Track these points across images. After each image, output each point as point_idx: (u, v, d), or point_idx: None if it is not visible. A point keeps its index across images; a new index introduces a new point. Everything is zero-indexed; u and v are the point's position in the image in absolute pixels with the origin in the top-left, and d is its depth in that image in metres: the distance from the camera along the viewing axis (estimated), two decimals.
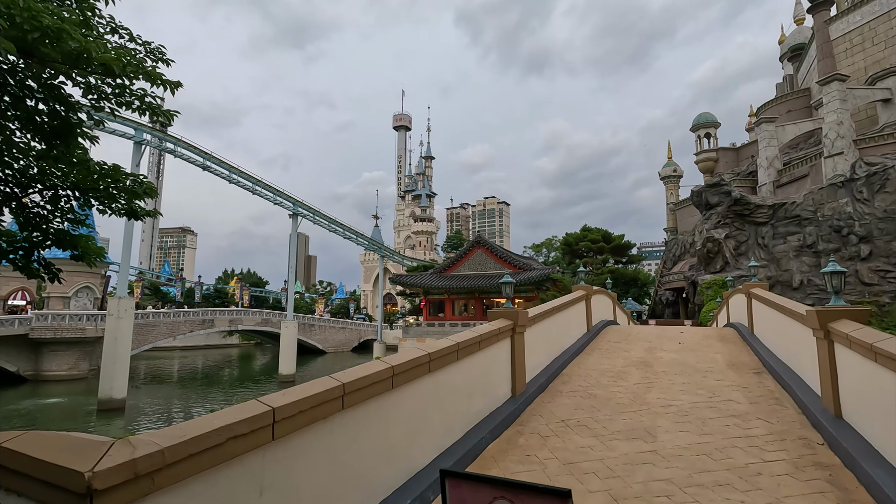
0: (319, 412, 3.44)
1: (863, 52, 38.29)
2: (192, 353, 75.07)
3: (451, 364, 5.50)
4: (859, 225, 30.82)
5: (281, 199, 41.68)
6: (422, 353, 4.91)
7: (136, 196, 5.53)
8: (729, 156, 57.51)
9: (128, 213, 5.83)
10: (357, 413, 3.89)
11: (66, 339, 39.56)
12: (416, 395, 4.80)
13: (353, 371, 4.00)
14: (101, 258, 6.37)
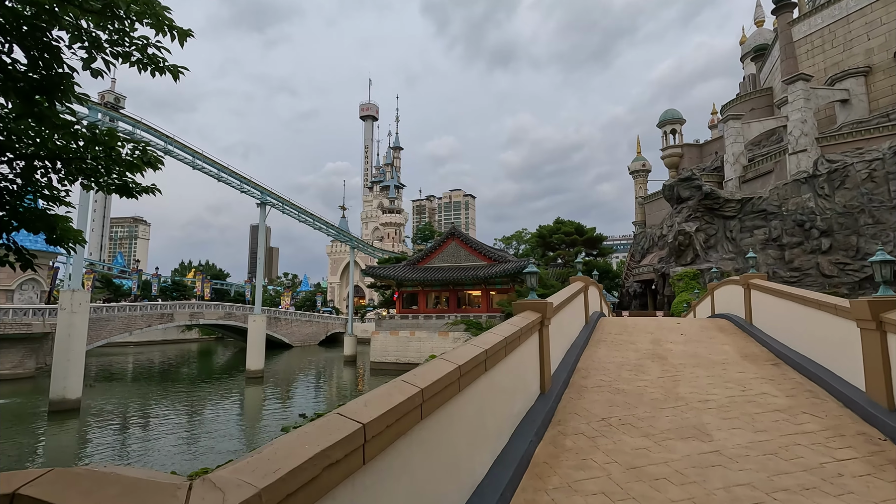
0: (402, 425, 2.83)
1: (823, 54, 39.94)
2: (148, 348, 71.43)
3: (500, 361, 4.97)
4: (821, 219, 32.21)
5: (248, 187, 39.76)
6: (478, 349, 4.35)
7: (133, 168, 4.66)
8: (693, 152, 59.23)
9: (120, 189, 4.93)
10: (431, 423, 3.30)
11: (10, 336, 36.56)
12: (475, 397, 4.24)
13: (423, 373, 3.39)
14: (81, 243, 5.43)
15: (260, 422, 24.69)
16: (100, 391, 33.22)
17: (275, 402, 30.96)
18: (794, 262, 32.86)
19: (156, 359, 57.70)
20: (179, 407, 28.42)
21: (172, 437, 21.27)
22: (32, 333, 37.85)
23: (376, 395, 2.81)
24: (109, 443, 20.53)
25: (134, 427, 23.56)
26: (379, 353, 44.04)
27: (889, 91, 35.38)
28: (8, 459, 17.90)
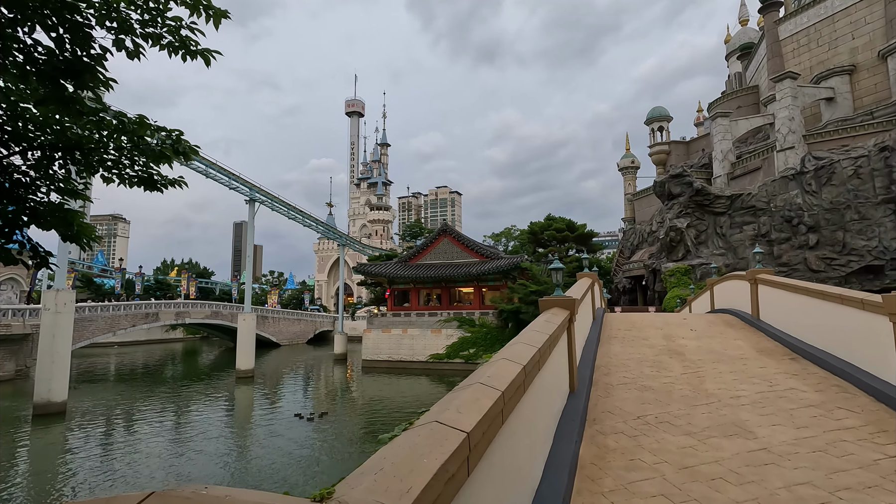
0: (491, 431, 2.64)
1: (808, 52, 40.60)
2: (132, 348, 69.90)
3: (547, 359, 4.81)
4: (808, 215, 32.77)
5: (237, 183, 38.98)
6: (532, 347, 4.18)
7: (162, 159, 4.36)
8: (680, 149, 59.94)
9: (144, 182, 4.62)
10: (506, 427, 3.12)
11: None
12: (532, 398, 4.07)
13: (497, 375, 3.20)
14: (97, 241, 5.11)
15: (253, 422, 24.24)
16: (85, 393, 32.31)
17: (267, 402, 30.47)
18: (782, 258, 33.41)
19: (140, 359, 56.46)
20: (169, 408, 27.78)
21: (164, 440, 20.74)
22: (12, 335, 36.68)
23: (465, 401, 2.62)
24: (99, 447, 19.92)
25: (123, 430, 22.93)
26: (371, 350, 43.71)
27: (873, 89, 36.13)
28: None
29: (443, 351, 40.77)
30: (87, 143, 4.38)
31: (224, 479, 15.71)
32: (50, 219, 4.85)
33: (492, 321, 40.78)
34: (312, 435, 21.16)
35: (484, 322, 40.88)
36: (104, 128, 4.22)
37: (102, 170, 4.62)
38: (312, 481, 15.35)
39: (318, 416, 23.95)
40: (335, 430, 22.33)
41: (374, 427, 22.63)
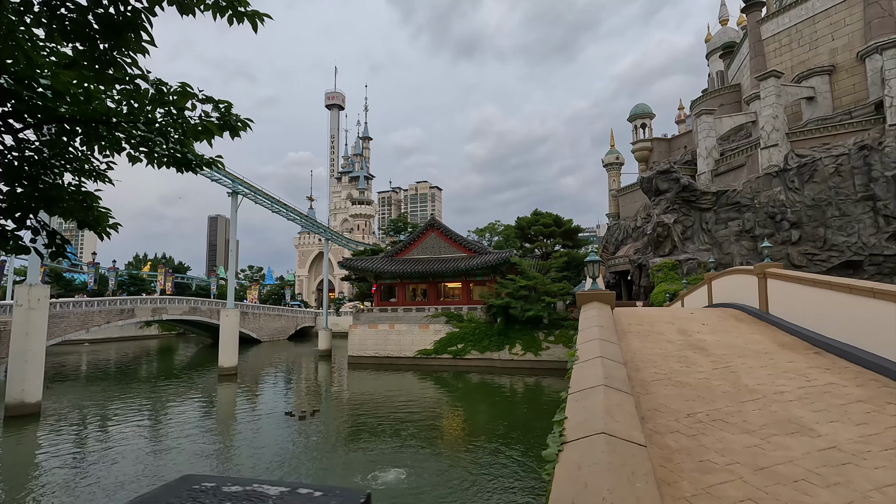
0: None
1: (790, 52, 41.45)
2: (104, 346, 67.47)
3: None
4: (791, 212, 33.54)
5: (220, 175, 37.73)
6: (613, 344, 3.90)
7: (204, 135, 3.86)
8: (662, 146, 60.78)
9: (178, 162, 4.12)
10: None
11: None
12: None
13: (611, 374, 2.90)
14: (115, 229, 4.60)
15: (242, 421, 23.49)
16: (60, 393, 30.89)
17: (253, 400, 29.66)
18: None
19: (115, 357, 54.48)
20: (150, 408, 26.76)
21: (147, 442, 19.89)
22: None
23: (612, 405, 2.30)
24: (78, 449, 18.95)
25: (102, 431, 21.92)
26: (357, 346, 43.10)
27: (851, 90, 37.09)
28: None
29: (431, 346, 40.47)
30: (114, 115, 3.87)
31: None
32: (65, 203, 4.32)
33: (480, 316, 40.64)
34: (306, 434, 20.60)
35: (472, 317, 40.71)
36: (137, 98, 3.71)
37: (130, 147, 4.12)
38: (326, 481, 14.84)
39: (309, 415, 23.36)
40: (328, 428, 21.80)
41: (367, 425, 22.18)
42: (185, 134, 3.92)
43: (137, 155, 4.20)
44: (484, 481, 14.71)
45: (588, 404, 2.36)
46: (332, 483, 14.52)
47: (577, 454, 1.81)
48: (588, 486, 1.59)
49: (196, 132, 3.88)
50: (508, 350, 37.97)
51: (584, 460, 1.75)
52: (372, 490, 13.57)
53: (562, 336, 37.24)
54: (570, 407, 2.40)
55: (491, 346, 38.44)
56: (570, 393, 2.64)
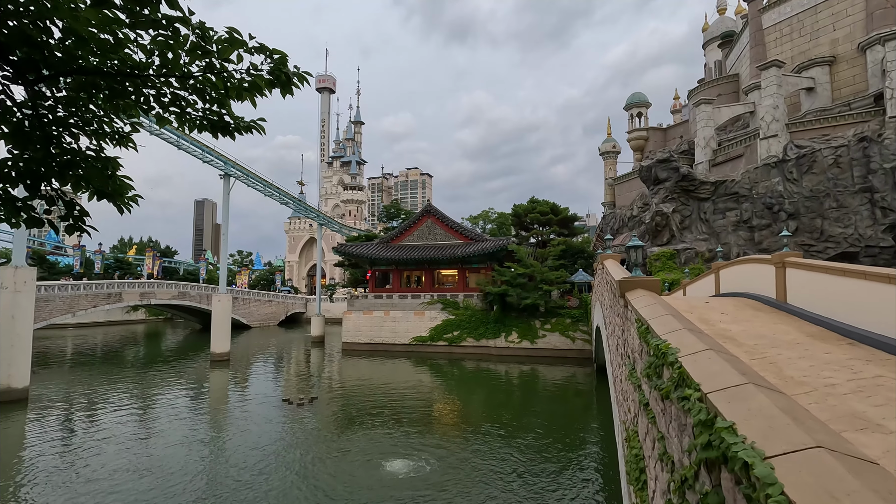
0: None
1: (791, 42, 41.24)
2: (90, 330, 66.19)
3: None
4: (788, 203, 33.59)
5: (211, 157, 36.64)
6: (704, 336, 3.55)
7: (249, 92, 3.36)
8: (658, 135, 60.64)
9: (214, 126, 3.62)
10: None
11: None
12: None
13: (748, 371, 2.53)
14: (134, 201, 4.09)
15: (239, 408, 23.06)
16: (47, 378, 30.09)
17: (248, 386, 29.19)
18: (762, 244, 34.23)
19: (102, 342, 53.42)
20: (142, 394, 26.17)
21: (141, 429, 19.38)
22: None
23: (797, 409, 1.93)
24: (68, 436, 18.40)
25: (93, 418, 21.33)
26: (351, 333, 42.71)
27: (851, 81, 37.04)
28: None
29: (426, 334, 40.23)
30: (144, 68, 3.35)
31: (224, 472, 14.68)
32: (83, 170, 3.80)
33: (476, 304, 40.42)
34: (305, 421, 20.24)
35: (468, 305, 40.47)
36: (173, 47, 3.20)
37: (160, 107, 3.60)
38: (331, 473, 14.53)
39: (307, 402, 22.98)
40: (327, 415, 21.47)
41: (366, 412, 21.89)
42: (227, 91, 3.41)
43: (167, 116, 3.69)
44: (490, 469, 14.51)
45: (753, 407, 1.98)
46: (340, 471, 14.22)
47: (811, 475, 1.43)
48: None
49: (240, 89, 3.38)
50: (504, 338, 37.86)
51: (833, 486, 1.37)
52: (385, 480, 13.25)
53: (558, 324, 37.20)
54: (727, 409, 2.02)
55: (487, 334, 38.29)
56: (710, 392, 2.26)
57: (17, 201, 3.58)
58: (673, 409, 3.21)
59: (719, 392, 2.23)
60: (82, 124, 3.75)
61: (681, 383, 2.87)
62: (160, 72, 3.38)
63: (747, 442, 1.73)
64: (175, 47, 3.19)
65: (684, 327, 3.74)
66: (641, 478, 4.59)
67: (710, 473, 2.15)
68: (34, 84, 3.37)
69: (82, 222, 3.75)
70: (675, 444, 3.12)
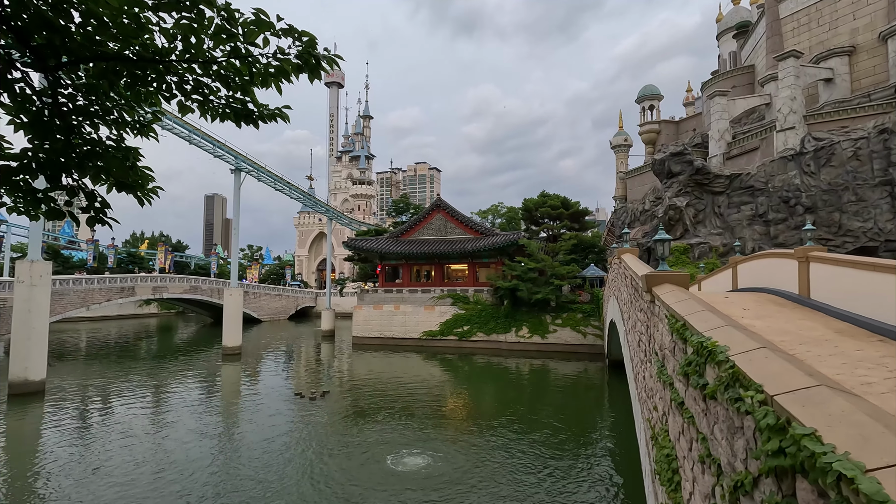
0: None
1: (808, 32, 40.34)
2: (104, 324, 67.06)
3: None
4: (805, 196, 32.95)
5: (222, 151, 36.72)
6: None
7: (275, 77, 3.22)
8: (670, 128, 59.82)
9: (238, 114, 3.49)
10: None
11: None
12: None
13: (810, 369, 2.37)
14: (154, 193, 3.99)
15: (250, 402, 23.16)
16: (63, 371, 30.49)
17: (260, 380, 29.35)
18: (778, 238, 33.67)
19: (116, 335, 54.08)
20: (156, 387, 26.40)
21: (154, 421, 19.52)
22: None
23: (874, 416, 1.77)
24: (84, 429, 18.58)
25: (109, 410, 21.55)
26: (362, 327, 42.79)
27: (871, 71, 36.17)
28: None
29: (436, 328, 40.19)
30: (167, 54, 3.22)
31: (239, 465, 14.73)
32: (103, 161, 3.69)
33: (486, 298, 40.27)
34: (319, 415, 20.28)
35: (478, 299, 40.33)
36: (197, 31, 3.06)
37: (181, 94, 3.48)
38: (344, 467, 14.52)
39: (319, 396, 23.03)
40: (340, 409, 21.49)
41: (378, 406, 21.88)
42: (252, 78, 3.27)
43: (189, 104, 3.56)
44: (503, 464, 14.41)
45: (834, 412, 1.82)
46: (353, 465, 14.20)
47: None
48: None
49: (266, 75, 3.24)
50: (515, 332, 37.70)
51: None
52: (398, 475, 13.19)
53: (569, 319, 36.96)
54: (802, 414, 1.86)
55: (497, 329, 38.16)
56: (777, 394, 2.10)
57: (38, 193, 3.49)
58: (720, 409, 3.05)
59: (789, 394, 2.07)
60: (103, 113, 3.64)
61: (732, 383, 2.71)
62: (183, 57, 3.26)
63: (838, 452, 1.57)
64: (199, 31, 3.05)
65: (728, 324, 3.57)
66: (674, 479, 4.44)
67: (780, 482, 2.00)
68: (54, 71, 3.26)
69: (103, 214, 3.65)
70: (723, 447, 2.96)
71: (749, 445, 2.41)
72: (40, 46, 3.09)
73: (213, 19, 3.02)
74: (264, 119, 3.61)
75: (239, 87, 3.44)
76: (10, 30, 3.04)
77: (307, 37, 3.10)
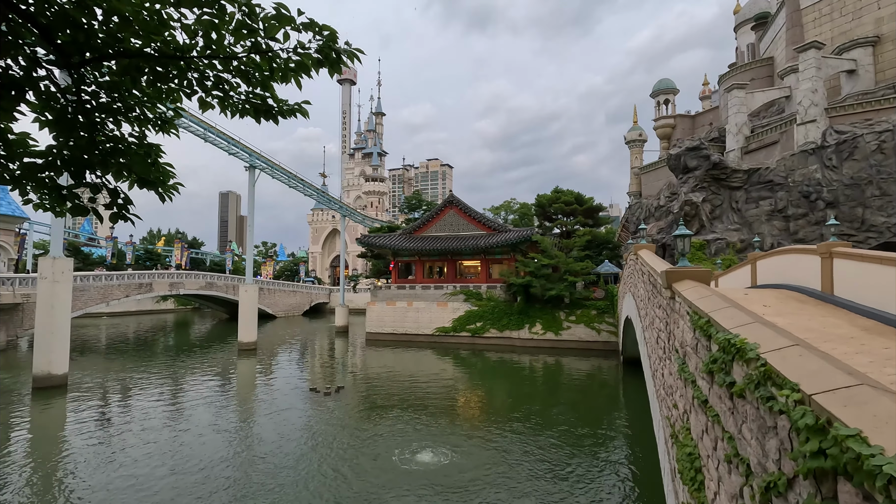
0: None
1: (831, 22, 39.34)
2: (123, 319, 68.41)
3: None
4: (827, 191, 32.22)
5: (237, 149, 37.10)
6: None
7: (295, 72, 3.20)
8: (686, 122, 58.95)
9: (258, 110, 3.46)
10: None
11: None
12: None
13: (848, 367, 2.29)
14: (175, 189, 4.01)
15: (265, 396, 23.43)
16: (84, 365, 31.16)
17: (274, 375, 29.67)
18: (798, 234, 33.01)
19: (134, 330, 55.12)
20: (173, 381, 26.84)
21: (172, 415, 19.85)
22: (2, 304, 35.13)
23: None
24: (105, 420, 18.97)
25: (128, 403, 21.97)
26: (375, 323, 43.00)
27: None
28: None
29: (449, 324, 40.22)
30: (188, 50, 3.23)
31: (255, 459, 14.92)
32: (125, 157, 3.72)
33: (499, 295, 40.17)
34: (333, 409, 20.44)
35: (491, 296, 40.25)
36: (218, 27, 3.06)
37: (202, 91, 3.49)
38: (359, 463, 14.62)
39: (334, 391, 23.21)
40: (354, 404, 21.63)
41: (392, 402, 21.98)
42: (272, 73, 3.26)
43: (210, 100, 3.57)
44: (517, 460, 14.37)
45: (880, 413, 1.75)
46: (368, 460, 14.29)
47: None
48: None
49: (286, 70, 3.23)
50: (528, 329, 37.56)
51: None
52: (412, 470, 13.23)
53: (583, 316, 36.71)
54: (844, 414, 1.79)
55: (510, 325, 38.06)
56: (816, 393, 2.03)
57: (63, 189, 3.53)
58: (748, 408, 2.98)
59: (829, 394, 2.00)
60: (125, 110, 3.66)
61: (764, 381, 2.64)
62: (204, 53, 3.26)
63: (887, 454, 1.51)
64: (220, 26, 3.05)
65: (755, 320, 3.48)
66: (697, 478, 4.37)
67: (819, 484, 1.93)
68: (78, 68, 3.28)
69: (126, 210, 3.68)
70: (752, 447, 2.89)
71: (783, 446, 2.34)
72: (65, 44, 3.12)
73: (234, 15, 3.02)
74: (283, 114, 3.61)
75: (259, 82, 3.43)
76: (36, 27, 3.06)
77: (328, 31, 3.08)
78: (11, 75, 3.21)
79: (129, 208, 3.70)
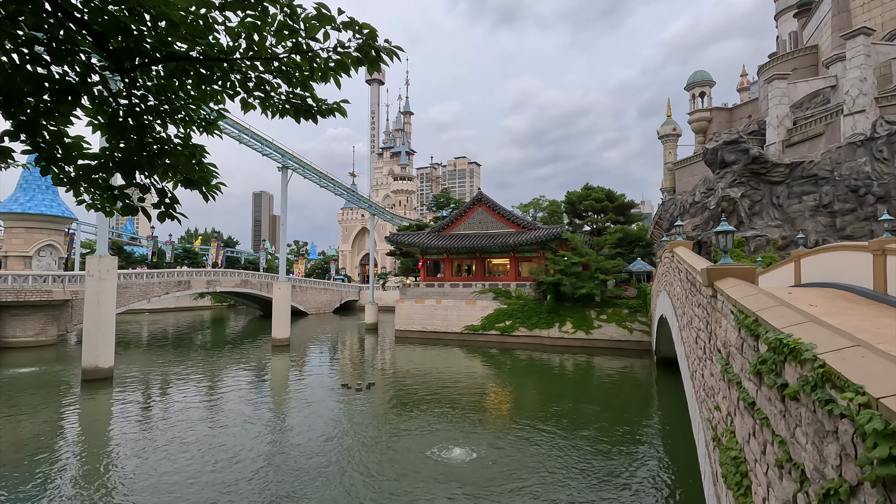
0: None
1: (881, 6, 37.30)
2: (163, 315, 71.17)
3: None
4: (877, 185, 30.60)
5: (270, 150, 38.03)
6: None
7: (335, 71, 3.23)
8: (723, 116, 56.93)
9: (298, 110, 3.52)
10: None
11: (30, 303, 35.78)
12: None
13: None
14: (217, 189, 4.12)
15: (298, 392, 23.95)
16: (128, 359, 32.58)
17: (307, 371, 30.28)
18: (845, 230, 31.46)
19: (174, 326, 57.27)
20: (212, 376, 27.74)
21: (210, 408, 20.51)
22: (53, 300, 37.05)
23: None
24: (148, 412, 19.79)
25: (169, 396, 22.83)
26: (404, 321, 43.32)
27: None
28: (47, 427, 17.15)
29: (478, 322, 40.14)
30: (232, 52, 3.30)
31: (284, 454, 15.27)
32: (171, 158, 3.84)
33: (528, 293, 39.83)
34: (364, 405, 20.72)
35: (520, 294, 39.96)
36: (260, 28, 3.12)
37: (244, 92, 3.57)
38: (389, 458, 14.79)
39: (365, 387, 23.52)
40: (385, 400, 21.87)
41: (422, 399, 22.10)
42: (312, 73, 3.31)
43: (252, 101, 3.65)
44: (549, 461, 14.22)
45: None
46: (398, 456, 14.43)
47: None
48: None
49: (326, 69, 3.27)
50: (558, 328, 37.12)
51: None
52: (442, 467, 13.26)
53: (615, 315, 36.01)
54: None
55: (540, 324, 37.69)
56: (884, 397, 1.92)
57: (114, 190, 3.68)
58: (803, 411, 2.84)
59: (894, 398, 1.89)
60: (171, 112, 3.78)
61: (822, 384, 2.51)
62: (246, 55, 3.33)
63: None
64: (262, 28, 3.12)
65: (809, 319, 3.32)
66: (743, 483, 4.21)
67: (888, 493, 1.83)
68: (130, 73, 3.41)
69: (173, 209, 3.81)
70: (807, 452, 2.76)
71: (845, 451, 2.22)
72: (117, 50, 3.24)
73: (276, 16, 3.08)
74: (323, 114, 3.65)
75: (299, 82, 3.49)
76: (91, 35, 3.20)
77: (368, 29, 3.10)
78: (68, 81, 3.36)
79: (175, 207, 3.82)
